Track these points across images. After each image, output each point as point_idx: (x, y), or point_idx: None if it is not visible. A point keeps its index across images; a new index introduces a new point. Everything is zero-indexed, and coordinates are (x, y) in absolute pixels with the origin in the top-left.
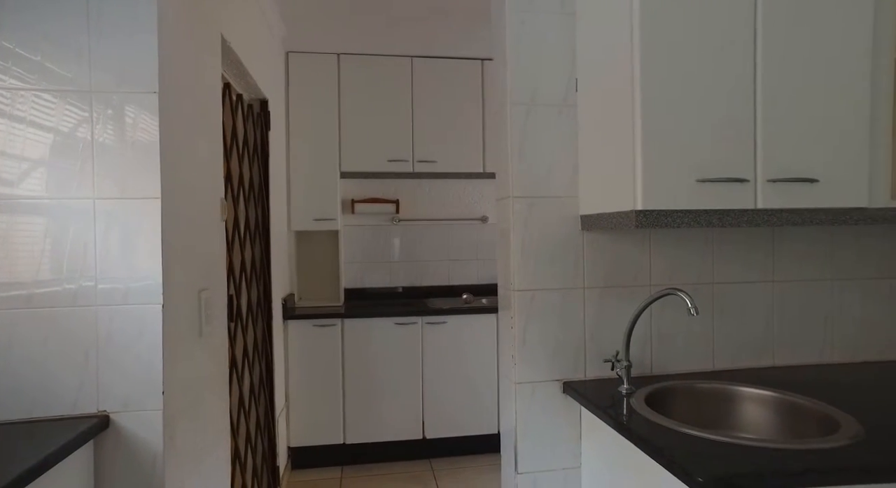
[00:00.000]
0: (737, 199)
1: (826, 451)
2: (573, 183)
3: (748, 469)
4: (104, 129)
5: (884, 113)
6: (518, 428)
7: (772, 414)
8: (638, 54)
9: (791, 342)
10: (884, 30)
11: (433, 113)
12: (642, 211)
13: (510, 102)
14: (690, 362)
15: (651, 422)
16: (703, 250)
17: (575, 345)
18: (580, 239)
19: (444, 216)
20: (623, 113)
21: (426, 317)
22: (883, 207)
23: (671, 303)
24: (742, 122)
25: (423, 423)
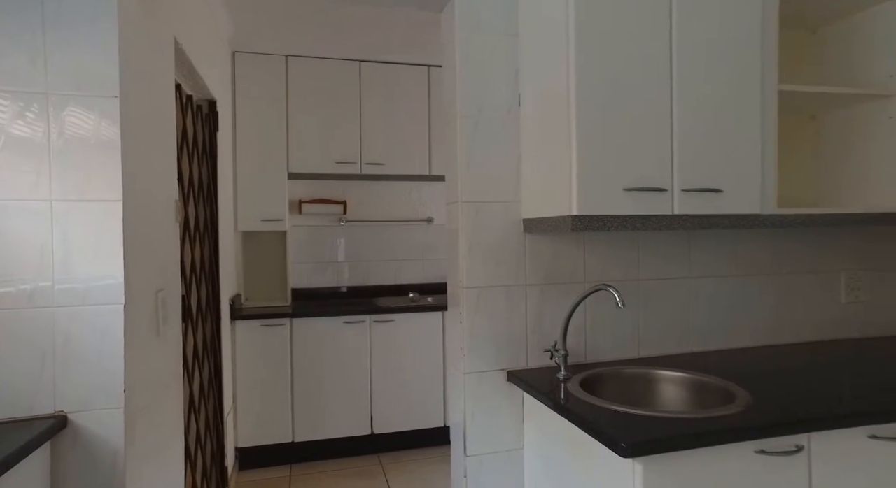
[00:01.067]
0: (657, 206)
1: (723, 417)
2: (517, 189)
3: (663, 434)
4: (61, 132)
5: (770, 136)
6: (467, 415)
7: (685, 391)
8: (574, 79)
9: (703, 331)
10: (768, 68)
11: (381, 116)
12: (577, 216)
13: (459, 115)
14: (619, 350)
15: (585, 402)
16: (630, 250)
17: (518, 337)
18: (523, 240)
19: (391, 217)
20: (560, 128)
21: (374, 315)
22: (772, 214)
23: (603, 298)
24: (662, 141)
25: (371, 419)
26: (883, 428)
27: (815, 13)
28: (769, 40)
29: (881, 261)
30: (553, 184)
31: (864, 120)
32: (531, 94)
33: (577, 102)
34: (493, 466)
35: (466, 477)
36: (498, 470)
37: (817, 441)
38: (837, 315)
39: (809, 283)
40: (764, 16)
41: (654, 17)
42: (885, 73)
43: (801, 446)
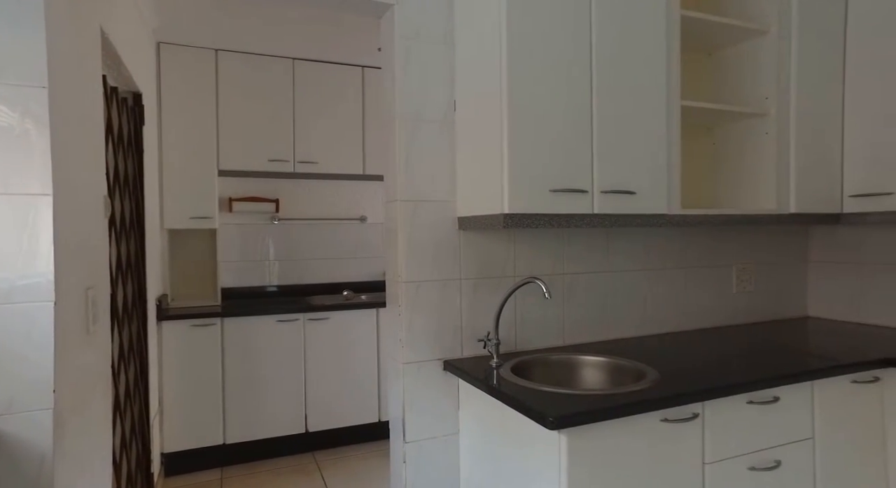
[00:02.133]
0: (579, 206)
1: (634, 392)
2: (452, 189)
3: (583, 409)
4: None
5: (674, 145)
6: (406, 403)
7: (603, 373)
8: (505, 88)
9: (620, 319)
10: (672, 86)
11: (315, 115)
12: (508, 214)
13: (398, 118)
14: (547, 339)
15: (516, 385)
16: (556, 246)
17: (453, 328)
18: (457, 237)
19: (325, 216)
20: (493, 133)
21: (308, 313)
22: (677, 214)
23: (532, 291)
24: (583, 148)
25: (305, 417)
26: (757, 395)
27: (710, 40)
28: (673, 62)
29: (764, 255)
30: (486, 184)
31: (749, 134)
32: (466, 100)
33: (509, 110)
34: (431, 451)
35: (406, 463)
36: (436, 455)
37: (709, 408)
38: (730, 303)
39: (708, 276)
40: (668, 41)
41: (576, 39)
42: (762, 95)
43: (696, 413)
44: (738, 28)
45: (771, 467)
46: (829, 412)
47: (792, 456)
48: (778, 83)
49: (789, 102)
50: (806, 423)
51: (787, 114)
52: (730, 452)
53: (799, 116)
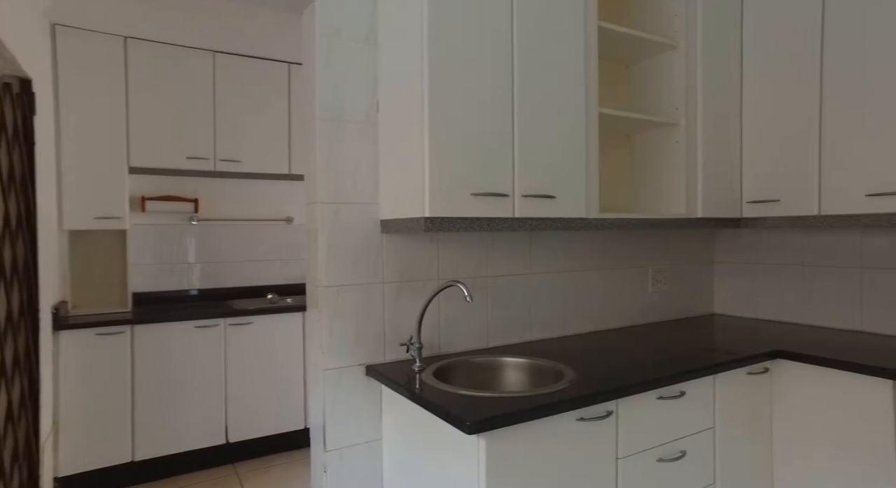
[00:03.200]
0: (501, 210)
1: (552, 393)
2: (375, 191)
3: (503, 411)
4: None
5: (592, 151)
6: (326, 411)
7: (525, 374)
8: (427, 93)
9: (542, 321)
10: (591, 94)
11: (238, 112)
12: (430, 218)
13: (319, 118)
14: (471, 341)
15: (437, 390)
16: (479, 249)
17: (375, 333)
18: (380, 240)
19: (249, 216)
20: (415, 136)
21: (229, 318)
22: (596, 218)
23: (455, 294)
24: (504, 152)
25: (226, 427)
26: (666, 390)
27: (627, 52)
28: (591, 70)
29: (677, 257)
30: (408, 187)
31: (662, 142)
32: (389, 101)
33: (430, 112)
34: (352, 458)
35: (326, 473)
36: (358, 462)
37: (623, 405)
38: (646, 303)
39: (626, 277)
40: (587, 50)
41: (497, 44)
42: (673, 105)
43: (610, 411)
44: (651, 42)
45: (677, 457)
46: (727, 402)
47: (695, 446)
48: (686, 95)
49: (696, 113)
50: (708, 414)
51: (695, 124)
52: (641, 446)
53: (705, 127)
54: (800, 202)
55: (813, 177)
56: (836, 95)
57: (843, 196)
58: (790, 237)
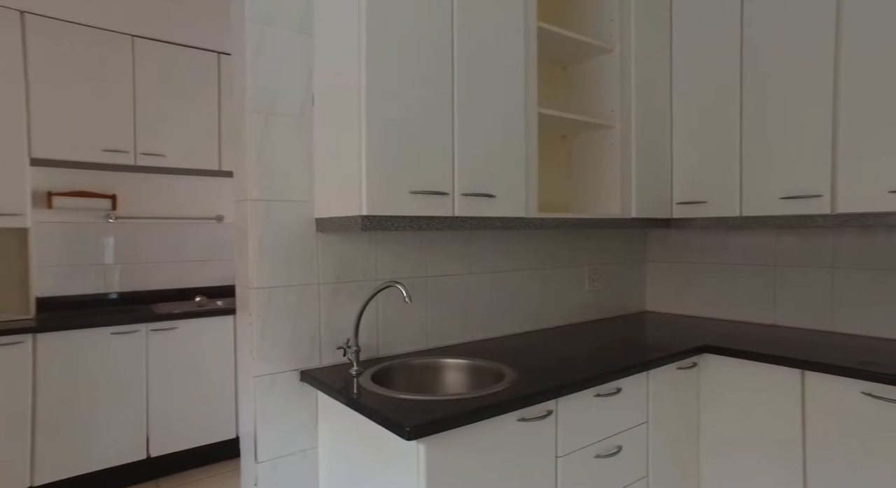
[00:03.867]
0: (440, 208)
1: (493, 394)
2: (309, 188)
3: (442, 415)
4: None
5: (532, 151)
6: (257, 419)
7: (465, 376)
8: (364, 88)
9: (482, 321)
10: (531, 94)
11: (162, 103)
12: (367, 216)
13: (249, 110)
14: (410, 343)
15: (375, 394)
16: (419, 249)
17: (311, 337)
18: (315, 239)
19: (175, 214)
20: (351, 132)
21: (152, 323)
22: (535, 217)
23: (393, 294)
24: (444, 150)
25: (147, 441)
26: (603, 387)
27: (563, 55)
28: (530, 70)
29: (612, 256)
30: (344, 185)
31: (599, 143)
32: (324, 95)
33: (367, 107)
34: (286, 469)
35: (257, 485)
36: (292, 472)
37: (562, 404)
38: (582, 301)
39: (563, 276)
40: (526, 49)
41: (438, 40)
42: (609, 108)
43: (550, 410)
44: (588, 45)
45: (613, 453)
46: (659, 397)
47: (630, 440)
48: (621, 98)
49: (630, 116)
50: (642, 410)
51: (629, 126)
52: (579, 444)
53: (638, 129)
54: (724, 204)
55: (735, 180)
56: (753, 105)
57: (761, 198)
58: (715, 237)
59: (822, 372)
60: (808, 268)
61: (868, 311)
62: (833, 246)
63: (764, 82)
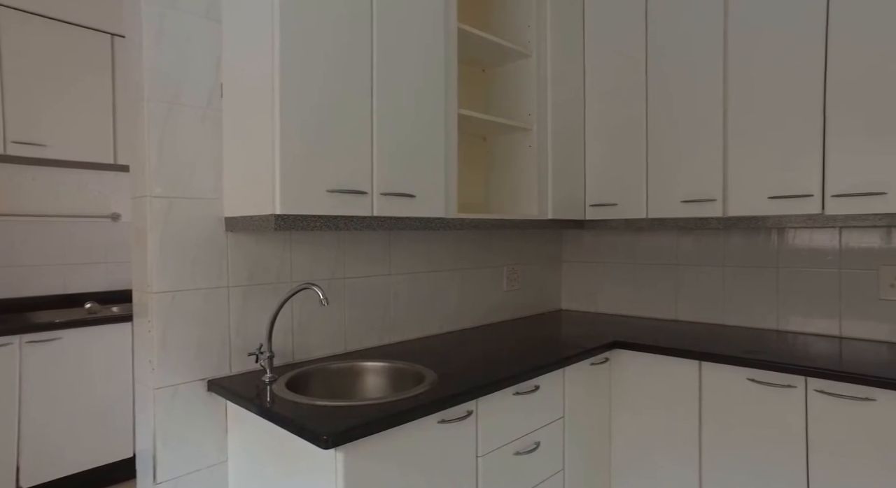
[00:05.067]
0: (358, 208)
1: (413, 397)
2: (218, 185)
3: (361, 421)
4: None
5: (451, 151)
6: (157, 436)
7: (385, 379)
8: (278, 81)
9: (402, 322)
10: (451, 91)
11: (40, 86)
12: (281, 215)
13: (148, 98)
14: (327, 347)
15: (290, 402)
16: (336, 250)
17: (220, 343)
18: (224, 239)
19: (60, 212)
20: (265, 126)
21: (27, 335)
22: (454, 218)
23: (310, 297)
24: (363, 148)
25: (17, 471)
26: (522, 386)
27: (483, 57)
28: (451, 70)
29: (529, 256)
30: (256, 182)
31: (517, 146)
32: (234, 86)
33: (281, 101)
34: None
35: None
36: None
37: (482, 404)
38: (501, 301)
39: (483, 276)
40: (447, 49)
41: (356, 35)
42: (526, 111)
43: (471, 410)
44: (507, 49)
45: (532, 449)
46: (575, 392)
47: (548, 436)
48: (538, 102)
49: (546, 120)
50: (558, 405)
51: (546, 130)
52: (499, 442)
53: (554, 133)
54: (632, 206)
55: (642, 184)
56: (658, 114)
57: (665, 201)
58: (624, 238)
59: (715, 362)
60: (703, 266)
61: (751, 305)
62: (724, 246)
63: (667, 93)
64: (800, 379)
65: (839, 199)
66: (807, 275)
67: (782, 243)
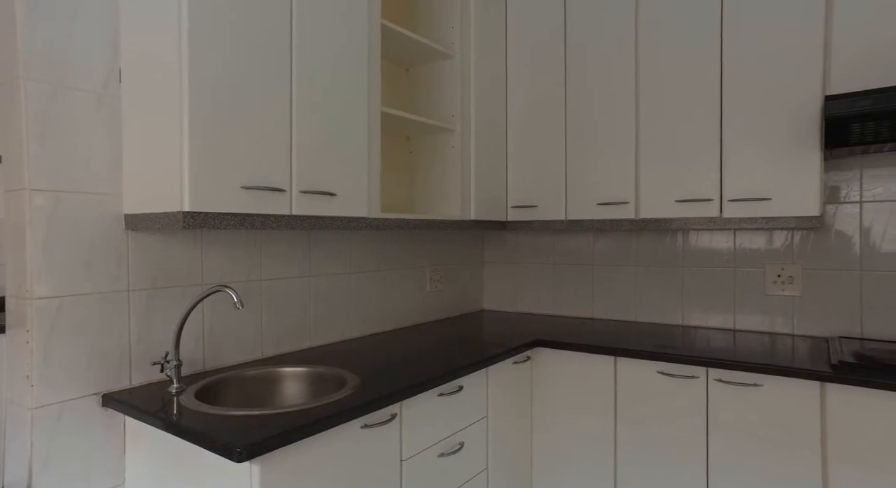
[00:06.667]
0: (276, 206)
1: (335, 402)
2: (116, 179)
3: (279, 430)
4: None
5: (374, 150)
6: (34, 462)
7: (305, 384)
8: (187, 65)
9: (323, 325)
10: (374, 88)
11: None
12: (190, 212)
13: (26, 78)
14: (242, 353)
15: (200, 413)
16: (252, 250)
17: (118, 353)
18: (124, 239)
19: None
20: (171, 114)
21: None
22: (377, 218)
23: (223, 300)
24: (281, 144)
25: None
26: (446, 387)
27: (407, 56)
28: (374, 67)
29: (452, 257)
30: (162, 176)
31: (440, 146)
32: (136, 70)
33: (191, 91)
34: None
35: None
36: None
37: (406, 407)
38: (424, 302)
39: (405, 277)
40: (370, 45)
41: (274, 24)
42: (450, 112)
43: (394, 414)
44: (431, 48)
45: (456, 450)
46: (498, 391)
47: (472, 436)
48: (461, 103)
49: (470, 122)
50: (482, 405)
51: (469, 131)
52: (423, 444)
53: (477, 135)
54: (552, 208)
55: (561, 186)
56: (576, 119)
57: (583, 204)
58: (544, 239)
59: (629, 356)
60: (617, 266)
61: (660, 302)
62: (636, 247)
63: (586, 99)
64: (702, 369)
65: (734, 204)
66: (707, 274)
67: (687, 244)
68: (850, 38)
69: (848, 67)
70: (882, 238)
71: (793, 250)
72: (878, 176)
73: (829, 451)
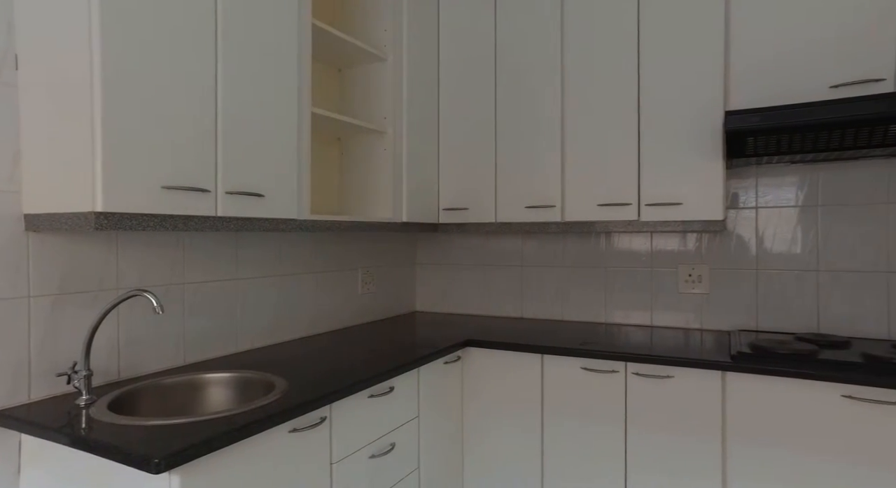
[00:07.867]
0: (200, 207)
1: (259, 408)
2: (13, 175)
3: (200, 438)
4: None
5: (304, 150)
6: None
7: (231, 391)
8: (98, 50)
9: (252, 329)
10: (304, 88)
11: None
12: (103, 213)
13: None
14: (162, 360)
15: (112, 425)
16: (175, 252)
17: (13, 365)
18: (24, 241)
19: None
20: (80, 105)
21: None
22: (306, 219)
23: (140, 305)
24: (206, 142)
25: None
26: (377, 388)
27: (339, 57)
28: (304, 66)
29: (383, 259)
30: (70, 172)
31: (372, 148)
32: (36, 56)
33: (104, 80)
34: None
35: None
36: None
37: (336, 409)
38: (356, 304)
39: (337, 279)
40: (300, 44)
41: (199, 18)
42: (382, 115)
43: (324, 417)
44: (363, 50)
45: (387, 451)
46: (429, 391)
47: (403, 436)
48: (394, 106)
49: (402, 124)
50: (413, 405)
51: (401, 134)
52: (354, 447)
53: (409, 137)
54: (483, 211)
55: (491, 189)
56: (506, 123)
57: (512, 207)
58: (475, 240)
59: (555, 354)
60: (544, 267)
61: (585, 301)
62: (563, 248)
63: (515, 104)
64: (621, 364)
65: (650, 208)
66: (627, 274)
67: (609, 246)
68: (744, 56)
69: (742, 83)
70: (773, 240)
71: (702, 252)
72: (770, 184)
73: (727, 433)
